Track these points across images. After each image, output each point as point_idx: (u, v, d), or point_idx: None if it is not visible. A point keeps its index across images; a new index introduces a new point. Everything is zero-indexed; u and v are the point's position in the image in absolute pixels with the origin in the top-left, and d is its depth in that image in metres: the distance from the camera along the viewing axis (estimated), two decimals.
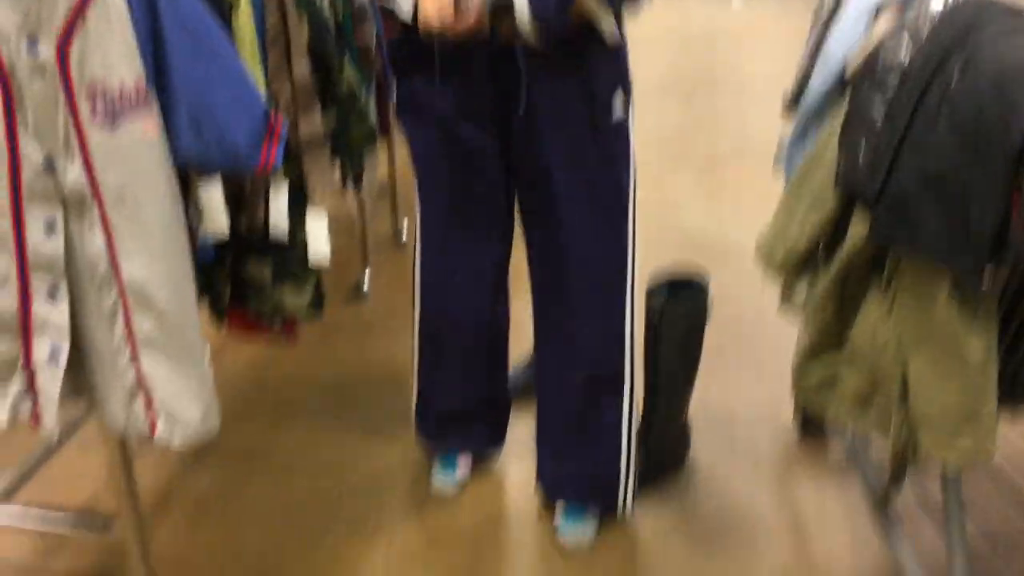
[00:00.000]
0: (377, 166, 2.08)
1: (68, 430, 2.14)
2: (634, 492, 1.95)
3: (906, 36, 1.28)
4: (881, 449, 1.97)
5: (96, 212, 1.39)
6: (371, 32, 1.95)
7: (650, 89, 1.73)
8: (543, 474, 2.02)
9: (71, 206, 1.40)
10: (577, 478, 1.96)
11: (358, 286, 2.92)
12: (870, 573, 1.88)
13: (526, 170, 1.77)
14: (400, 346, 2.61)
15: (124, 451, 1.68)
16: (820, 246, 1.41)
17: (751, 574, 1.88)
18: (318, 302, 1.68)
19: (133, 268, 1.40)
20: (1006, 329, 1.33)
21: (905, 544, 1.73)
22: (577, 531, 1.95)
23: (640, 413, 1.94)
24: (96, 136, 1.35)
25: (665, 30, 5.21)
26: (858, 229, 1.31)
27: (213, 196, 1.53)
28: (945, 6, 1.28)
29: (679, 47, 5.18)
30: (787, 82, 1.80)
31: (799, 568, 1.89)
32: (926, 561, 1.82)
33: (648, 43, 1.63)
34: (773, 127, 2.06)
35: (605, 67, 1.69)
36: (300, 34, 1.66)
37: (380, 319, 2.80)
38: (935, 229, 1.18)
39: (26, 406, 1.54)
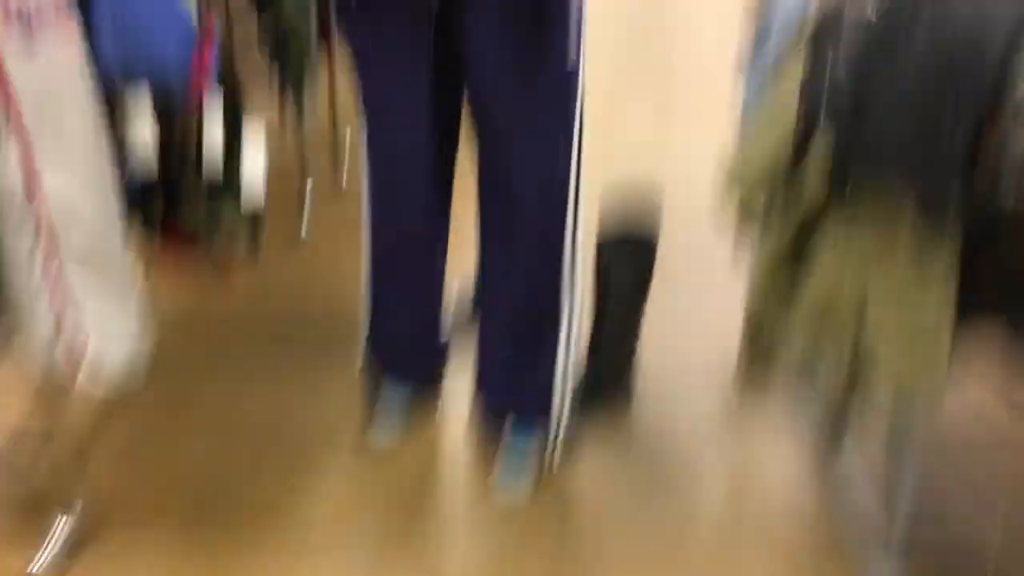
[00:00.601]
0: (317, 98, 1.99)
1: None
2: (568, 429, 1.92)
3: None
4: (826, 405, 1.96)
5: (10, 125, 1.30)
6: None
7: (595, 26, 1.68)
8: (483, 402, 1.97)
9: None
10: (515, 407, 1.92)
11: (296, 233, 2.82)
12: (806, 531, 1.86)
13: (471, 78, 1.70)
14: (339, 296, 2.53)
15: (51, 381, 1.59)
16: (781, 165, 1.36)
17: (685, 524, 1.85)
18: (256, 223, 1.61)
19: (56, 180, 1.31)
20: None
21: (845, 505, 1.73)
22: (512, 487, 1.91)
23: (578, 352, 1.90)
24: (12, 55, 1.26)
25: None
26: (822, 144, 1.26)
27: (140, 125, 1.45)
28: None
29: None
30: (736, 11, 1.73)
31: (733, 521, 1.87)
32: (865, 521, 1.81)
33: None
34: (728, 40, 1.99)
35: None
36: None
37: (318, 267, 2.71)
38: (903, 145, 1.14)
39: None
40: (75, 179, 1.32)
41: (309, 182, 2.85)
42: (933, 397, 1.32)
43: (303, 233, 2.83)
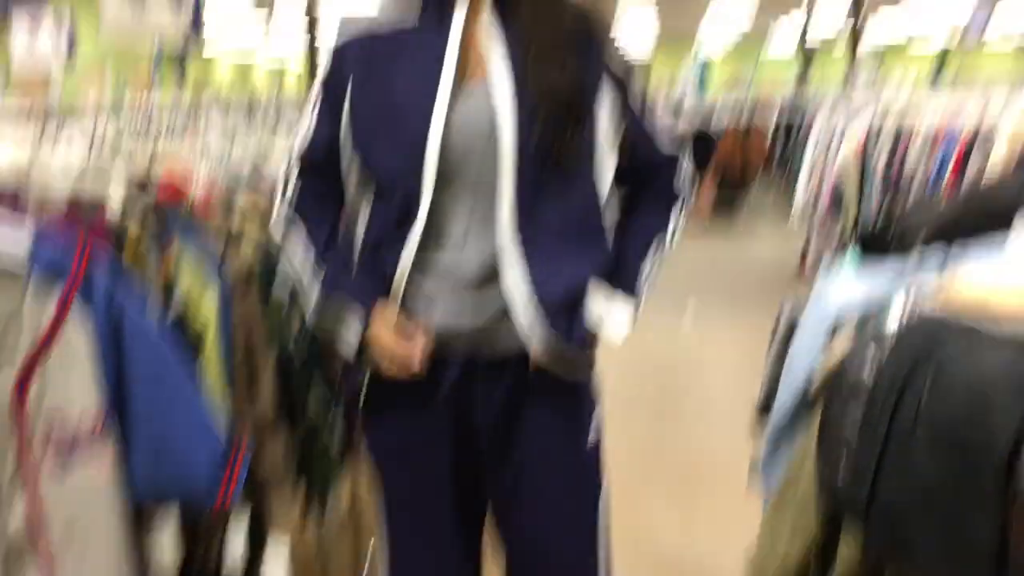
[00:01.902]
0: (341, 497, 2.00)
1: None
2: None
3: (868, 353, 1.29)
4: None
5: (36, 558, 1.30)
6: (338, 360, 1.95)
7: (615, 412, 1.74)
8: None
9: (11, 554, 1.30)
10: None
11: None
12: None
13: (499, 498, 1.70)
14: None
15: None
16: (810, 568, 1.34)
17: None
18: None
19: None
20: None
21: None
22: None
23: None
24: (46, 478, 1.29)
25: (620, 357, 5.32)
26: (848, 550, 1.26)
27: (163, 538, 1.45)
28: (900, 326, 1.30)
29: (638, 373, 5.29)
30: (748, 399, 1.80)
31: None
32: None
33: (607, 368, 1.68)
34: (741, 443, 2.04)
35: (583, 386, 1.67)
36: (266, 370, 1.66)
37: None
38: (932, 546, 1.12)
39: None
40: None
41: None
42: None
43: None
